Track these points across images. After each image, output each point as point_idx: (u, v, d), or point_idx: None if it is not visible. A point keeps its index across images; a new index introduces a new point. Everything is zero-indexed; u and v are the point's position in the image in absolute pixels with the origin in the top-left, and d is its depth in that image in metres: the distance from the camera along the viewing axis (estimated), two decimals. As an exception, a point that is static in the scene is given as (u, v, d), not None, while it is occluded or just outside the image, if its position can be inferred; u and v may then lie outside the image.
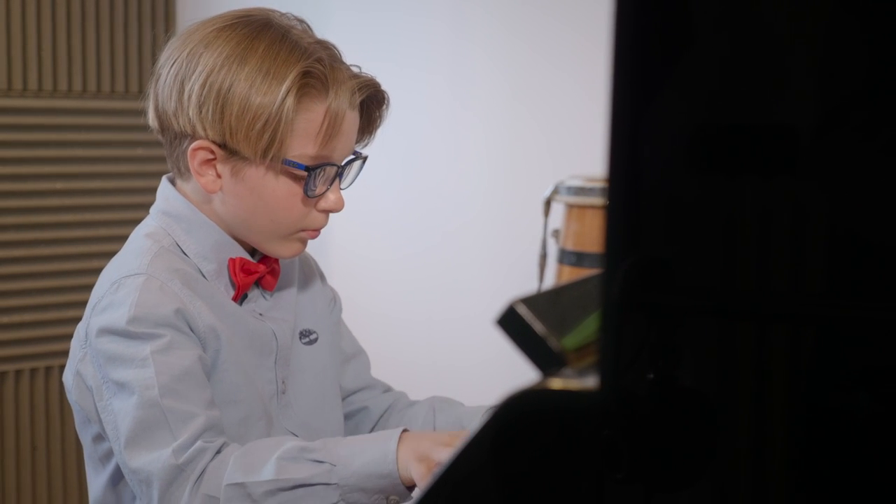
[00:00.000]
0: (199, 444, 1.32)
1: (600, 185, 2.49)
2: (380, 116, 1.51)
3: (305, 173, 1.42)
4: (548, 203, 2.61)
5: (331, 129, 1.42)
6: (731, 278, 0.72)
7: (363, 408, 1.67)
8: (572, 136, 2.96)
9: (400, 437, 1.31)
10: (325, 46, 1.45)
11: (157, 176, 3.26)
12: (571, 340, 0.80)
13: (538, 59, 3.00)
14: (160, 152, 3.26)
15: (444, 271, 3.20)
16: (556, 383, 0.73)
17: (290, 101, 1.38)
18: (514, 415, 0.73)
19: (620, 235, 0.69)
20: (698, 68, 0.72)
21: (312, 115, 1.41)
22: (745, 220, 0.71)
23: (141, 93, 3.30)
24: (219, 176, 1.43)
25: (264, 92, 1.38)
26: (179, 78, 1.42)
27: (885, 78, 0.68)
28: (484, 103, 3.09)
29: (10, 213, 3.11)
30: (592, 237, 2.51)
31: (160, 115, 1.46)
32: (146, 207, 3.22)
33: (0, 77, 3.07)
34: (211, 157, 1.42)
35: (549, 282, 2.67)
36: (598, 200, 2.48)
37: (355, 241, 3.04)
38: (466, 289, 3.15)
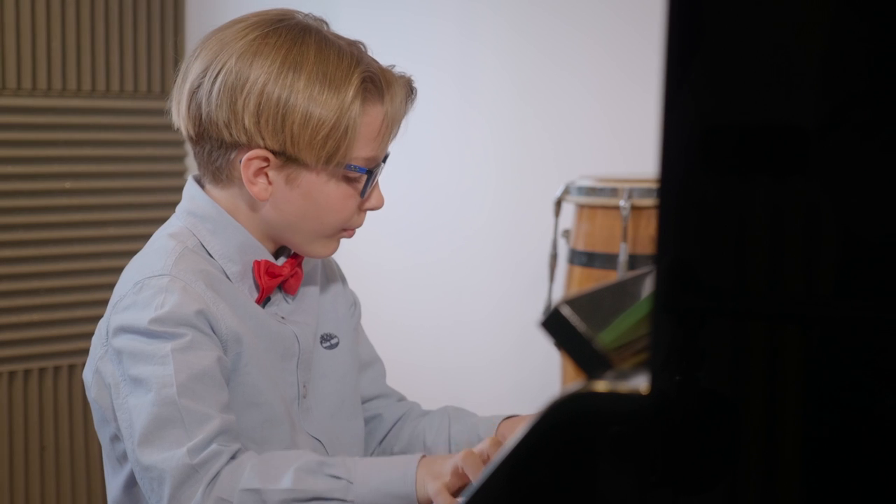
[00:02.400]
0: (214, 446, 1.32)
1: (611, 185, 2.49)
2: (407, 111, 1.52)
3: (363, 175, 1.44)
4: (558, 203, 2.60)
5: (387, 131, 1.45)
6: (756, 280, 0.72)
7: (377, 415, 1.67)
8: (579, 136, 2.96)
9: (420, 461, 1.32)
10: (359, 48, 1.47)
11: (166, 175, 3.31)
12: (608, 336, 0.80)
13: (545, 60, 3.00)
14: (169, 152, 3.32)
15: (450, 273, 3.19)
16: (601, 385, 0.73)
17: (355, 108, 1.40)
18: (560, 417, 0.72)
19: (670, 238, 0.69)
20: (718, 69, 0.71)
21: (370, 119, 1.43)
22: (763, 221, 0.71)
23: (150, 92, 3.31)
24: (270, 183, 1.43)
25: (325, 99, 1.40)
26: (228, 87, 1.41)
27: (887, 77, 0.68)
28: (491, 103, 3.09)
29: (18, 212, 3.11)
30: (603, 237, 2.51)
31: (204, 124, 1.44)
32: (155, 207, 3.27)
33: (9, 76, 3.06)
34: (264, 164, 1.42)
35: (560, 282, 2.67)
36: (609, 201, 2.48)
37: (359, 243, 3.04)
38: (474, 291, 3.15)
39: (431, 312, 3.22)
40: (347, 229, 1.49)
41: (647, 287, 1.00)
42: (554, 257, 2.65)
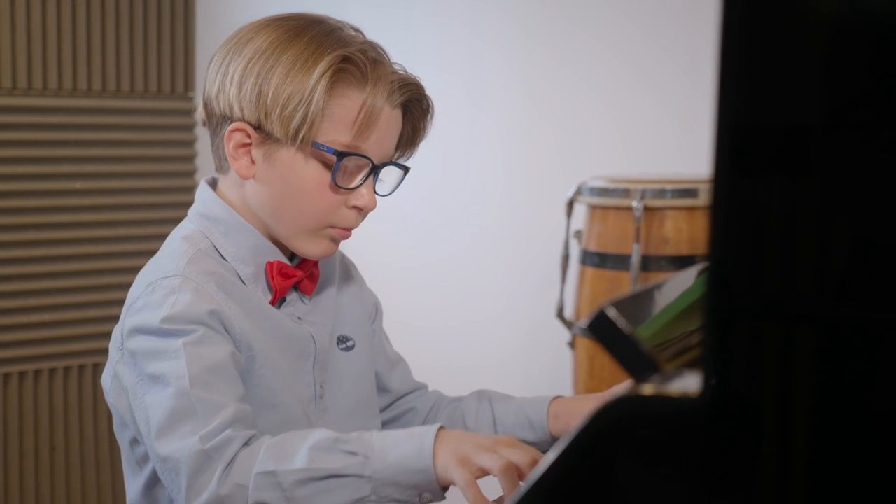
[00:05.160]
0: (227, 432, 1.31)
1: (623, 185, 2.49)
2: (424, 128, 1.52)
3: (335, 158, 1.42)
4: (570, 204, 2.60)
5: (367, 120, 1.42)
6: (794, 281, 0.72)
7: (411, 408, 1.68)
8: (587, 137, 2.96)
9: (437, 435, 1.28)
10: (373, 46, 1.46)
11: (176, 175, 3.32)
12: (644, 332, 0.79)
13: (554, 61, 3.00)
14: (179, 152, 3.32)
15: (459, 273, 3.19)
16: (649, 388, 0.73)
17: (323, 82, 1.39)
18: (610, 420, 0.72)
19: (718, 241, 0.69)
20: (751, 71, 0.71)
21: (348, 103, 1.41)
22: (801, 222, 0.71)
23: (159, 92, 3.31)
24: (252, 161, 1.44)
25: (301, 74, 1.39)
26: (225, 63, 1.44)
27: (888, 78, 0.68)
28: (500, 104, 3.09)
29: (28, 212, 3.10)
30: (616, 238, 2.51)
31: (206, 102, 1.47)
32: (165, 207, 3.27)
33: (20, 76, 3.06)
34: (247, 140, 1.43)
35: (572, 283, 2.67)
36: (622, 201, 2.48)
37: (367, 243, 3.04)
38: (482, 290, 3.15)
39: (440, 312, 3.22)
40: (335, 227, 1.46)
41: (681, 285, 0.99)
42: (566, 258, 2.65)
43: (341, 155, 1.41)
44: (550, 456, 0.74)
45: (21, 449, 3.11)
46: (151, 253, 1.52)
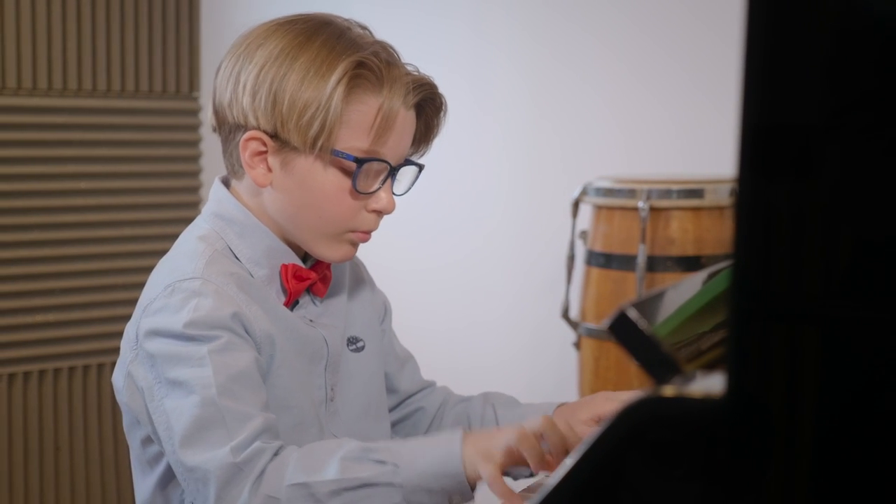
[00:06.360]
0: (257, 444, 1.31)
1: (629, 186, 2.48)
2: (437, 125, 1.51)
3: (354, 165, 1.41)
4: (576, 204, 2.60)
5: (384, 124, 1.41)
6: (807, 282, 0.71)
7: (420, 408, 1.68)
8: (590, 138, 2.96)
9: (464, 438, 1.29)
10: (384, 47, 1.45)
11: (181, 175, 3.32)
12: (661, 331, 0.79)
13: (557, 62, 3.00)
14: (184, 152, 3.33)
15: (463, 274, 3.19)
16: (670, 390, 0.72)
17: (340, 90, 1.38)
18: (632, 422, 0.72)
19: (742, 241, 0.69)
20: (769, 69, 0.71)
21: (365, 108, 1.40)
22: (812, 223, 0.71)
23: (164, 92, 3.31)
24: (269, 170, 1.43)
25: (317, 81, 1.38)
26: (236, 70, 1.42)
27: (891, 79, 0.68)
28: (504, 105, 3.09)
29: (33, 212, 3.10)
30: (621, 239, 2.51)
31: (217, 109, 1.46)
32: (170, 207, 3.28)
33: (25, 76, 3.06)
34: (262, 149, 1.42)
35: (577, 284, 2.67)
36: (628, 202, 2.47)
37: (372, 245, 3.04)
38: (487, 292, 3.15)
39: (444, 313, 3.22)
40: (355, 231, 1.46)
41: (696, 287, 0.99)
42: (571, 258, 2.65)
43: (361, 161, 1.41)
44: (573, 458, 0.74)
45: (26, 449, 3.10)
46: (156, 253, 1.51)
